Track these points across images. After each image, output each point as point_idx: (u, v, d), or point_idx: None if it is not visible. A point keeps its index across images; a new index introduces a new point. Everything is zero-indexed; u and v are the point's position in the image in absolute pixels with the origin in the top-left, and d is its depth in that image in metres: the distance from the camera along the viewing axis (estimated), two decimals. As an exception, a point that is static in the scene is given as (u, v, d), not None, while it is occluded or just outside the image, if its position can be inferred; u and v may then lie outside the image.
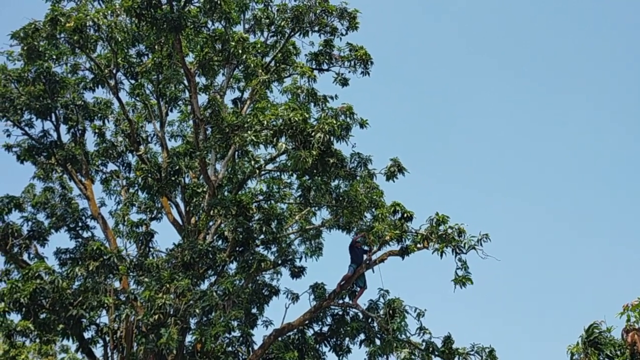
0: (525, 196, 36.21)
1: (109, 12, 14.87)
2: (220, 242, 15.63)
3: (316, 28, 16.08)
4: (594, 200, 35.22)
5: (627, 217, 33.27)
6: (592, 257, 32.79)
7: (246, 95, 17.18)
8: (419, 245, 14.10)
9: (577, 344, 8.45)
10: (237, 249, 14.85)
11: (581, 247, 33.60)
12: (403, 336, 13.85)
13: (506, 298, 31.95)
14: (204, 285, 14.78)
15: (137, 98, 17.39)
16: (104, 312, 14.96)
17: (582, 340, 8.42)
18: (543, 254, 33.87)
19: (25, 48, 15.07)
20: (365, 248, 14.78)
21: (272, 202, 16.59)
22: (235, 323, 14.01)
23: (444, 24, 40.48)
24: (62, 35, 14.83)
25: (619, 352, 7.97)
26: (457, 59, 39.85)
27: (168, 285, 13.34)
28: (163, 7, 13.66)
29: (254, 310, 15.86)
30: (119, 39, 15.18)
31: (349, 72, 16.44)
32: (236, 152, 16.36)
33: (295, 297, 15.74)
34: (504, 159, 37.96)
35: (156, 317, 12.99)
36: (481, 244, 13.43)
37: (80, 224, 17.60)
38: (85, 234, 17.64)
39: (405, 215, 14.36)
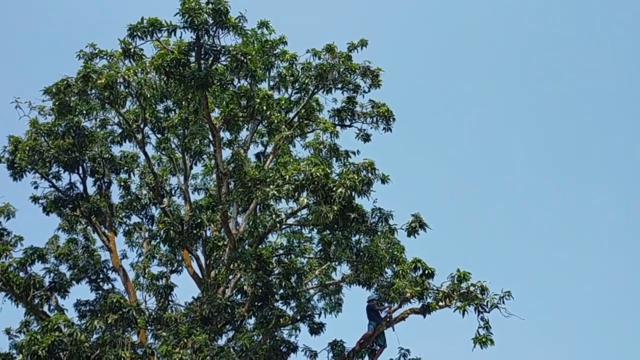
0: (557, 245, 35.38)
1: (139, 69, 15.38)
2: (239, 296, 15.50)
3: (339, 85, 16.43)
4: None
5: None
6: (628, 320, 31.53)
7: (269, 149, 17.45)
8: (440, 304, 13.88)
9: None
10: (256, 303, 14.71)
11: (627, 310, 32.30)
12: (424, 397, 13.43)
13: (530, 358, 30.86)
14: (222, 341, 14.64)
15: (163, 152, 17.76)
16: (121, 366, 14.80)
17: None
18: (579, 312, 32.70)
19: (56, 103, 15.56)
20: (381, 307, 14.58)
21: (292, 256, 16.52)
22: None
23: (468, 75, 40.93)
24: (93, 91, 15.34)
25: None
26: (481, 112, 40.05)
27: (185, 340, 13.23)
28: (191, 65, 14.12)
29: (271, 368, 15.55)
30: (148, 95, 15.63)
31: (371, 127, 16.67)
32: (258, 206, 16.49)
33: (313, 355, 15.43)
34: (531, 212, 37.47)
35: (172, 372, 12.82)
36: (504, 302, 13.17)
37: (101, 276, 17.65)
38: (106, 286, 17.66)
39: (426, 271, 14.22)
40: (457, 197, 38.31)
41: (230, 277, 15.66)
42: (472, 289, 13.55)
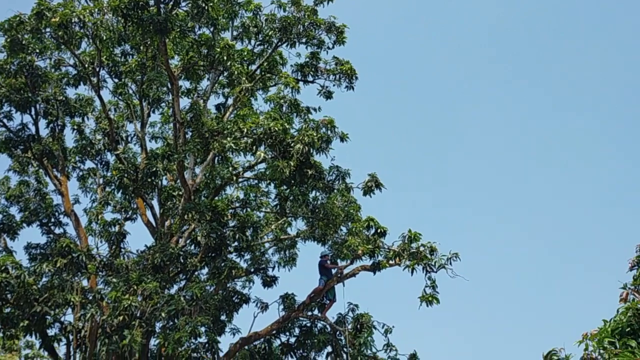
0: (504, 215, 36.45)
1: (96, 10, 14.78)
2: (192, 247, 15.53)
3: (303, 40, 16.21)
4: (574, 225, 35.51)
5: (604, 244, 33.61)
6: (564, 282, 33.07)
7: (230, 101, 17.20)
8: (390, 262, 14.16)
9: (535, 369, 8.51)
10: (209, 254, 14.75)
11: (554, 270, 33.88)
12: (369, 351, 13.86)
13: (473, 318, 32.11)
14: (173, 290, 14.69)
15: (120, 97, 17.32)
16: (70, 310, 14.79)
17: (540, 366, 8.48)
18: (515, 275, 34.11)
19: (8, 40, 14.93)
20: (333, 265, 14.82)
21: (248, 209, 16.55)
22: (202, 329, 13.90)
23: (434, 38, 40.86)
24: (47, 29, 14.74)
25: (575, 380, 8.04)
26: (445, 75, 40.19)
27: (136, 287, 13.22)
28: (150, 8, 13.65)
29: (222, 317, 15.76)
30: (104, 38, 15.07)
31: (334, 85, 16.60)
32: (215, 158, 16.33)
33: (264, 307, 15.67)
34: (487, 178, 38.28)
35: (121, 318, 12.88)
36: (451, 263, 13.55)
37: (52, 220, 17.44)
38: (58, 230, 17.48)
39: (379, 230, 14.43)
40: (415, 159, 38.78)
41: (185, 227, 15.62)
42: (421, 249, 13.84)
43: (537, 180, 37.36)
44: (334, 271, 14.85)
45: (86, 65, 15.81)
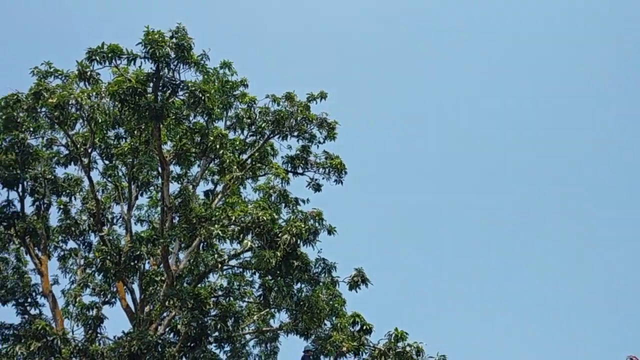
0: (498, 309, 35.83)
1: (94, 93, 15.12)
2: (172, 335, 15.06)
3: (295, 133, 16.66)
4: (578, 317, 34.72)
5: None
6: None
7: (219, 188, 17.29)
8: (376, 361, 13.80)
9: None
10: (189, 344, 14.30)
11: None
12: None
13: None
14: (149, 381, 14.09)
15: (109, 179, 17.37)
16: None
17: None
18: None
19: (3, 117, 15.13)
20: None
21: (231, 298, 16.23)
22: None
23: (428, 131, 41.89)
24: (43, 109, 15.00)
25: None
26: (433, 174, 40.92)
27: (109, 377, 12.71)
28: (148, 95, 13.97)
29: (197, 413, 15.04)
30: (99, 120, 15.35)
31: (323, 178, 16.89)
32: (201, 244, 16.19)
33: (242, 402, 15.05)
34: (484, 275, 37.97)
35: (92, 410, 12.28)
36: (438, 366, 13.21)
37: (29, 300, 16.95)
38: (34, 311, 16.94)
39: (364, 327, 14.20)
40: (402, 255, 38.61)
41: (165, 314, 15.20)
42: (408, 349, 13.56)
43: (538, 269, 36.98)
44: (316, 367, 14.42)
45: (78, 146, 15.96)
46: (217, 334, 14.71)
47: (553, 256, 36.81)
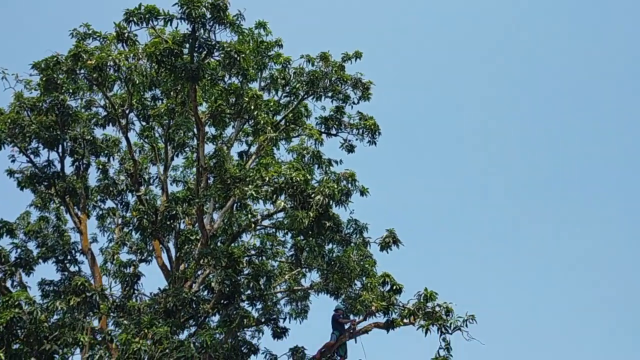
0: (526, 273, 35.61)
1: (131, 55, 15.27)
2: (205, 292, 15.44)
3: (329, 94, 16.58)
4: (600, 282, 34.41)
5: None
6: (586, 345, 31.80)
7: (253, 149, 17.44)
8: (405, 320, 13.94)
9: None
10: (222, 301, 14.64)
11: (577, 332, 32.60)
12: (379, 412, 13.46)
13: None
14: (183, 335, 14.52)
15: (146, 140, 17.65)
16: (78, 350, 14.61)
17: None
18: (534, 337, 32.90)
19: (44, 79, 15.40)
20: (346, 320, 14.61)
21: (264, 258, 16.50)
22: (210, 378, 13.67)
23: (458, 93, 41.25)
24: (82, 71, 15.21)
25: None
26: (464, 134, 40.39)
27: (146, 331, 13.09)
28: (184, 57, 14.07)
29: (230, 367, 15.46)
30: (137, 82, 15.54)
31: (357, 139, 16.85)
32: (235, 205, 16.43)
33: (273, 359, 15.40)
34: (511, 236, 37.68)
35: (129, 361, 12.70)
36: (467, 325, 13.29)
37: (69, 257, 17.48)
38: (73, 268, 17.48)
39: (394, 287, 14.30)
40: (435, 217, 38.52)
41: (199, 272, 15.58)
42: (437, 309, 13.63)
43: (562, 237, 36.62)
44: (346, 327, 14.63)
45: (116, 107, 16.21)
46: (249, 292, 15.01)
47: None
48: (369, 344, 14.98)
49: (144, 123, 17.21)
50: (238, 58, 13.86)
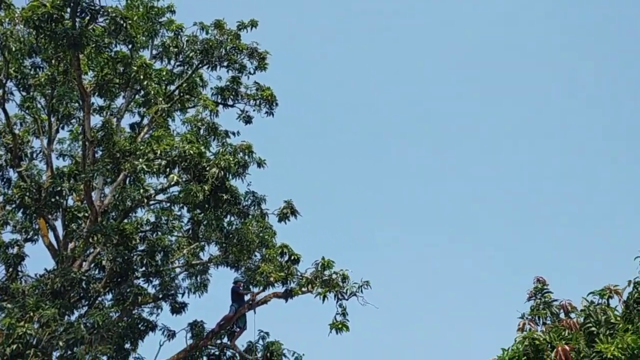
0: (415, 243, 37.18)
1: (7, 19, 14.13)
2: (97, 271, 14.84)
3: (225, 63, 16.18)
4: (478, 250, 36.60)
5: (507, 274, 34.80)
6: (468, 311, 33.93)
7: (145, 121, 16.75)
8: (303, 289, 14.14)
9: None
10: (115, 280, 14.15)
11: (458, 299, 34.70)
12: (279, 380, 13.64)
13: (384, 346, 32.36)
14: (74, 317, 13.92)
15: (27, 111, 16.47)
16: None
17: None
18: (421, 303, 34.61)
19: None
20: (246, 291, 14.62)
21: (159, 233, 16.04)
22: (104, 358, 13.25)
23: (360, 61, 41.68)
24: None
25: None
26: (362, 103, 41.04)
27: (32, 314, 12.45)
28: (65, 22, 13.13)
29: (127, 346, 15.03)
30: (13, 49, 14.41)
31: (254, 110, 16.60)
32: (127, 179, 15.77)
33: (171, 334, 15.12)
34: (412, 199, 38.98)
35: (15, 347, 12.07)
36: (362, 291, 13.70)
37: (-56, 240, 16.15)
38: (-49, 252, 16.18)
39: (292, 257, 14.46)
40: (331, 186, 39.13)
41: (89, 250, 14.90)
42: (334, 276, 13.94)
43: (449, 201, 38.36)
44: (246, 297, 14.61)
45: (-9, 76, 14.95)
46: (143, 268, 14.59)
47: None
48: (268, 314, 15.11)
49: (24, 93, 16.02)
50: (124, 24, 13.15)
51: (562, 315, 9.80)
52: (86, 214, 14.90)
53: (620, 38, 39.25)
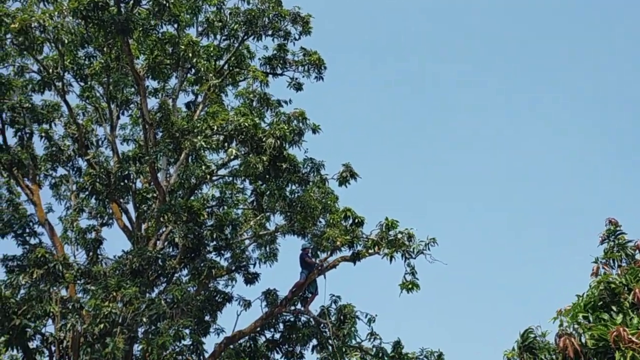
0: (478, 200, 36.56)
1: (56, 13, 14.50)
2: (170, 249, 15.37)
3: (269, 32, 16.05)
4: (544, 201, 35.66)
5: (576, 219, 33.77)
6: (539, 260, 33.26)
7: (200, 99, 16.98)
8: (370, 251, 14.16)
9: (513, 349, 8.55)
10: (188, 255, 14.62)
11: (528, 249, 34.05)
12: (354, 342, 13.90)
13: (453, 302, 32.30)
14: (154, 294, 14.53)
15: (87, 101, 17.01)
16: (50, 321, 14.55)
17: (518, 345, 8.51)
18: (490, 257, 34.26)
19: (-33, 49, 14.60)
20: (313, 260, 14.79)
21: (225, 207, 16.39)
22: (186, 331, 13.80)
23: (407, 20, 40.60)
24: (8, 36, 14.42)
25: (553, 357, 8.09)
26: (415, 60, 40.03)
27: (115, 294, 13.06)
28: (111, 9, 13.37)
29: (206, 318, 15.64)
30: (66, 41, 14.82)
31: (303, 76, 16.48)
32: (189, 157, 16.12)
33: (247, 304, 15.58)
34: (461, 165, 38.31)
35: (102, 326, 12.71)
36: (429, 248, 13.58)
37: (27, 230, 17.11)
38: (33, 241, 17.15)
39: (356, 220, 14.43)
40: (388, 146, 38.74)
41: (161, 229, 15.43)
42: (399, 236, 13.86)
43: (504, 158, 37.41)
44: (315, 263, 14.78)
45: (50, 70, 15.49)
46: (214, 243, 14.98)
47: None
48: (338, 278, 15.29)
49: (82, 83, 16.52)
50: (167, 4, 13.27)
51: (637, 257, 9.38)
52: (155, 195, 15.38)
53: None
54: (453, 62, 39.69)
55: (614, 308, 8.07)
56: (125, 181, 14.91)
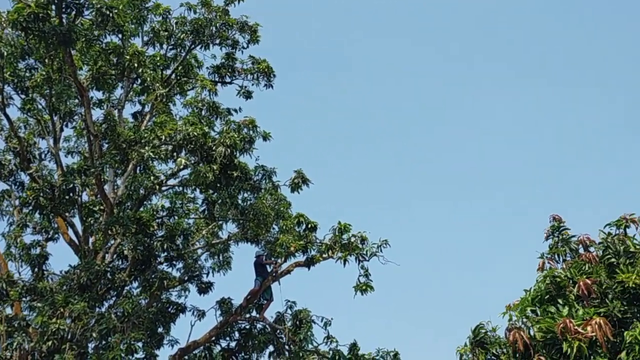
0: (426, 197, 37.26)
1: (-6, 24, 14.09)
2: (120, 261, 15.07)
3: (217, 41, 16.03)
4: (492, 199, 36.69)
5: (523, 217, 34.85)
6: (489, 258, 34.19)
7: (147, 109, 16.74)
8: (324, 255, 14.28)
9: (465, 345, 8.80)
10: (138, 267, 14.37)
11: (477, 247, 34.98)
12: (310, 346, 13.94)
13: (410, 301, 32.82)
14: (104, 308, 14.21)
15: (29, 113, 16.53)
16: (-5, 341, 14.01)
17: (470, 341, 8.77)
18: (441, 257, 34.97)
19: None
20: (269, 262, 14.80)
21: (176, 217, 16.20)
22: (139, 344, 13.55)
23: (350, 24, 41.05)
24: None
25: (504, 350, 8.37)
26: (361, 64, 40.53)
27: (63, 310, 12.73)
28: (52, 20, 13.05)
29: (160, 330, 15.36)
30: (5, 53, 14.40)
31: (253, 84, 16.50)
32: (137, 168, 15.87)
33: (201, 314, 15.41)
34: (407, 166, 38.96)
35: (50, 343, 12.40)
36: (381, 250, 13.82)
37: (-33, 249, 16.44)
38: (-26, 260, 16.48)
39: (309, 225, 14.53)
40: (338, 150, 39.09)
41: (110, 242, 15.11)
42: (352, 239, 14.04)
43: (458, 155, 38.27)
44: (269, 269, 14.79)
45: (-12, 83, 14.97)
46: (165, 253, 14.79)
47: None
48: (293, 284, 15.33)
49: (23, 96, 16.04)
50: (111, 14, 13.06)
51: (581, 251, 9.82)
52: (102, 207, 15.06)
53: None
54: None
55: (560, 301, 8.43)
56: (71, 194, 14.50)
